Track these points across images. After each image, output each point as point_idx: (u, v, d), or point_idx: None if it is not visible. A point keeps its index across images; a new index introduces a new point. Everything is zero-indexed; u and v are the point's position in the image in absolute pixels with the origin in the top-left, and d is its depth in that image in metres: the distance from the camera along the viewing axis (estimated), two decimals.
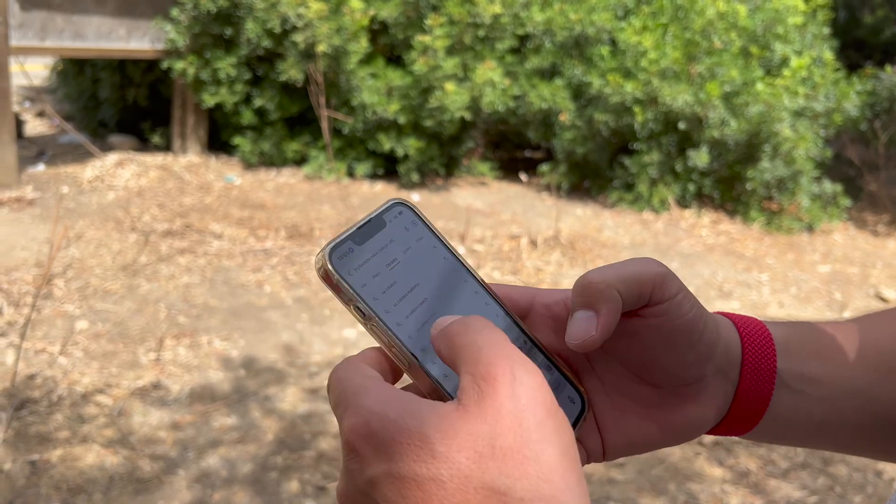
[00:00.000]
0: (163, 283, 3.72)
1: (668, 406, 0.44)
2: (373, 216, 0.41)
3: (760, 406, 0.46)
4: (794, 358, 0.47)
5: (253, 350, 3.18)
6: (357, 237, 0.40)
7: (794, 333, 0.48)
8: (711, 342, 0.44)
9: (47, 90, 7.71)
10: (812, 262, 4.88)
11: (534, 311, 0.45)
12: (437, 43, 5.31)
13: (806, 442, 0.50)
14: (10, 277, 3.61)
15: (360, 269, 0.39)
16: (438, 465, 0.31)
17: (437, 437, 0.32)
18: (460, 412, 0.32)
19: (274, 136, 5.78)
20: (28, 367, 2.88)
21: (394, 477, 0.32)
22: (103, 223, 4.47)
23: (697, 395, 0.44)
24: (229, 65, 5.51)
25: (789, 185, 5.42)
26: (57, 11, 5.23)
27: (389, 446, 0.32)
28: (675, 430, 0.45)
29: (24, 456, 2.39)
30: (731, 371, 0.46)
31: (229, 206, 4.93)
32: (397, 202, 0.43)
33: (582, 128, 5.61)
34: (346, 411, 0.35)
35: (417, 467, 0.31)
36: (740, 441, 2.79)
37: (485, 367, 0.33)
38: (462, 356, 0.34)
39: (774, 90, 5.15)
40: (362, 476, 0.33)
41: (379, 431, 0.33)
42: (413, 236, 0.42)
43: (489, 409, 0.32)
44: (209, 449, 2.51)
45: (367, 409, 0.34)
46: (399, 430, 0.32)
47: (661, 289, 0.42)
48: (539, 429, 0.32)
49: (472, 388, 0.33)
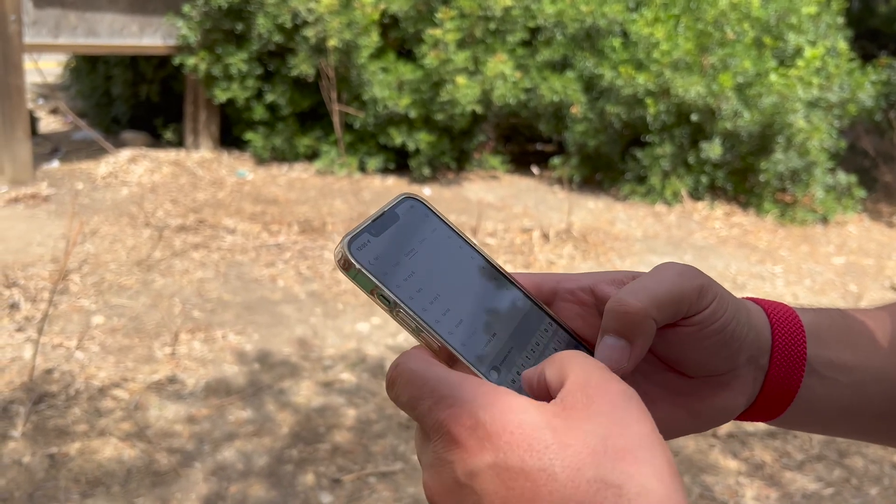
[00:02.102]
0: (177, 278, 3.75)
1: (698, 395, 0.44)
2: (386, 210, 0.42)
3: (790, 392, 0.46)
4: (823, 344, 0.47)
5: (267, 344, 3.20)
6: (373, 229, 0.40)
7: (824, 319, 0.48)
8: (742, 336, 0.44)
9: (61, 87, 7.76)
10: (826, 253, 4.85)
11: (559, 296, 0.45)
12: (448, 36, 5.30)
13: (833, 429, 0.50)
14: (27, 273, 3.65)
15: (380, 259, 0.39)
16: (551, 455, 0.31)
17: (550, 430, 0.32)
18: (569, 411, 0.33)
19: (286, 131, 5.79)
20: (46, 362, 2.91)
21: (500, 468, 0.32)
22: (117, 219, 4.50)
23: (728, 384, 0.44)
24: (241, 60, 5.52)
25: (803, 177, 5.38)
26: (70, 9, 5.26)
27: (499, 437, 0.32)
28: (705, 417, 0.45)
29: (42, 449, 2.42)
30: (762, 357, 0.45)
31: (242, 202, 4.95)
32: (408, 196, 0.43)
33: (594, 120, 5.59)
34: (441, 402, 0.34)
35: (528, 457, 0.31)
36: (755, 433, 2.78)
37: (597, 382, 0.34)
38: (572, 372, 0.35)
39: (788, 81, 5.11)
40: (463, 467, 0.33)
41: (487, 423, 0.33)
42: (427, 228, 0.43)
43: (600, 412, 0.32)
44: (225, 442, 2.53)
45: (472, 401, 0.33)
46: (509, 422, 0.32)
47: (698, 303, 0.41)
48: (648, 437, 0.32)
49: (580, 393, 0.33)
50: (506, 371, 0.39)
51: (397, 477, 2.39)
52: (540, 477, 0.31)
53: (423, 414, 0.35)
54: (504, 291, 0.43)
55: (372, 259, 0.39)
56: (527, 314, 0.43)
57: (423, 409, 0.35)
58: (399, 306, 0.38)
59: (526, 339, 0.42)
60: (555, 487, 0.31)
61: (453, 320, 0.39)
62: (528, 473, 0.31)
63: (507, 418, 0.33)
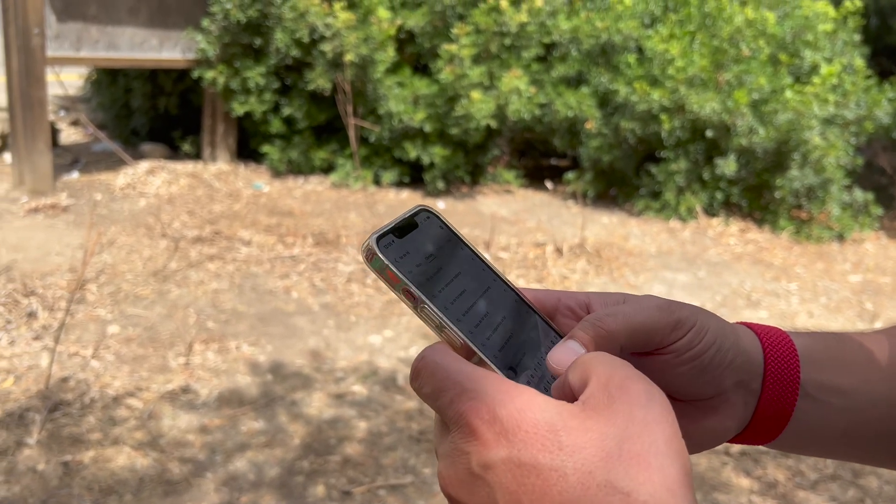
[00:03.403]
0: (192, 289, 3.78)
1: (687, 417, 0.45)
2: (405, 217, 0.44)
3: (783, 416, 0.46)
4: (818, 368, 0.47)
5: (280, 355, 3.22)
6: (396, 232, 0.42)
7: (818, 343, 0.48)
8: (724, 362, 0.44)
9: (81, 99, 7.88)
10: (842, 271, 4.81)
11: (559, 312, 0.46)
12: (464, 52, 5.34)
13: (831, 452, 0.50)
14: (45, 282, 3.70)
15: (404, 259, 0.41)
16: (564, 456, 0.32)
17: (565, 431, 0.32)
18: (588, 413, 0.33)
19: (302, 145, 5.84)
20: (62, 370, 2.94)
21: (514, 463, 0.32)
22: (135, 229, 4.55)
23: (717, 407, 0.45)
24: (258, 74, 5.59)
25: (819, 194, 5.35)
26: (92, 23, 5.35)
27: (515, 433, 0.33)
28: (695, 440, 0.45)
29: (57, 457, 2.45)
30: (753, 382, 0.46)
31: (258, 214, 4.99)
32: (423, 208, 0.45)
33: (608, 136, 5.60)
34: (463, 395, 0.35)
35: (541, 456, 0.32)
36: (768, 451, 2.76)
37: (619, 380, 0.34)
38: (595, 370, 0.35)
39: (804, 98, 5.09)
40: (479, 458, 0.34)
41: (505, 418, 0.33)
42: (443, 237, 0.45)
43: (620, 414, 0.33)
44: (237, 452, 2.55)
45: (492, 396, 0.34)
46: (526, 419, 0.33)
47: (671, 335, 0.42)
48: (667, 444, 0.32)
49: (601, 394, 0.34)
50: (521, 372, 0.41)
51: (407, 490, 2.39)
52: (551, 476, 0.32)
53: (445, 405, 0.36)
54: (513, 302, 0.45)
55: (398, 257, 0.41)
56: (533, 323, 0.45)
57: (444, 401, 0.36)
58: (423, 303, 0.40)
59: (535, 345, 0.43)
60: (564, 487, 0.31)
61: (472, 321, 0.41)
62: (540, 471, 0.32)
63: (524, 416, 0.33)
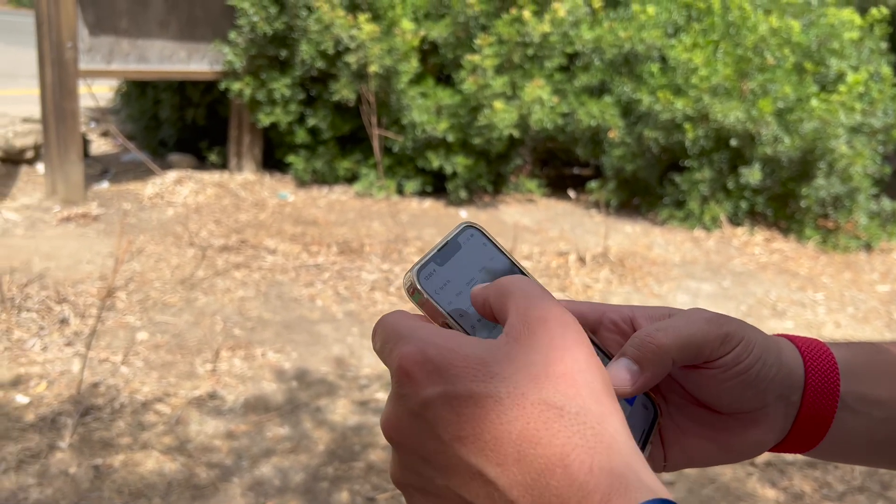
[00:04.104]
0: (219, 297, 3.84)
1: (728, 430, 0.46)
2: (449, 239, 0.45)
3: (822, 428, 0.47)
4: (857, 379, 0.48)
5: (305, 362, 3.26)
6: (438, 259, 0.44)
7: (857, 355, 0.49)
8: (769, 376, 0.45)
9: (112, 111, 8.03)
10: (870, 281, 4.76)
11: (603, 326, 0.47)
12: (487, 62, 5.38)
13: (865, 460, 0.51)
14: (77, 290, 3.78)
15: (445, 288, 0.42)
16: (496, 383, 0.34)
17: (493, 362, 0.34)
18: (512, 344, 0.35)
19: (326, 155, 5.91)
20: (92, 376, 3.01)
21: (449, 396, 0.34)
22: (163, 238, 4.63)
23: (757, 420, 0.45)
24: (284, 85, 5.66)
25: (846, 203, 5.30)
26: (123, 36, 5.47)
27: (446, 370, 0.35)
28: (735, 451, 0.46)
29: (88, 460, 2.50)
30: (794, 395, 0.46)
31: (283, 223, 5.05)
32: (468, 225, 0.46)
33: (631, 145, 5.59)
34: (398, 343, 0.37)
35: (474, 386, 0.34)
36: (794, 462, 2.73)
37: (537, 311, 0.36)
38: (513, 302, 0.37)
39: (830, 106, 5.05)
40: (415, 398, 0.35)
41: (435, 357, 0.35)
42: (486, 256, 0.45)
43: (542, 341, 0.35)
44: (262, 458, 2.58)
45: (423, 340, 0.36)
46: (455, 355, 0.35)
47: (720, 349, 0.43)
48: (587, 361, 0.35)
49: (521, 325, 0.36)
50: None
51: None
52: (487, 402, 0.33)
53: (387, 355, 0.38)
54: None
55: (438, 288, 0.42)
56: None
57: (386, 352, 0.38)
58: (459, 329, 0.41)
59: None
60: (501, 410, 0.33)
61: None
62: (476, 399, 0.33)
63: (454, 353, 0.35)
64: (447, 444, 0.34)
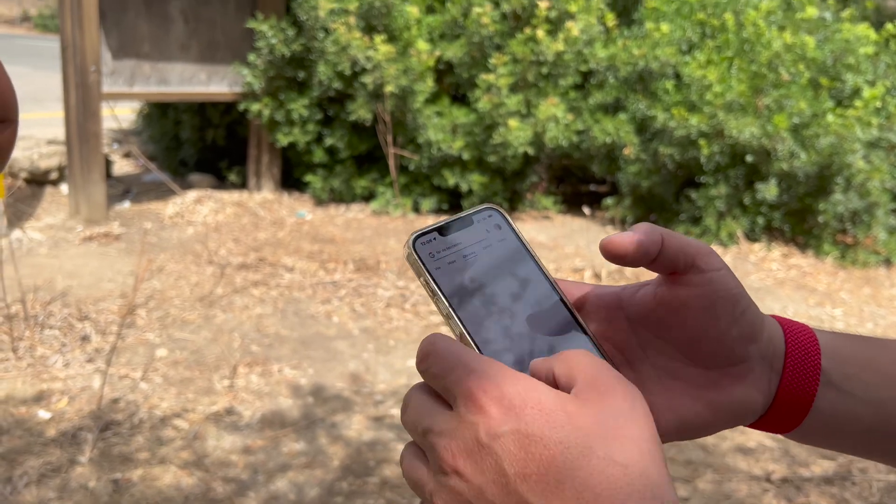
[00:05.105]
0: (237, 314, 3.89)
1: (715, 387, 0.47)
2: (463, 215, 0.46)
3: (805, 400, 0.48)
4: (841, 359, 0.49)
5: (321, 378, 3.29)
6: (443, 230, 0.46)
7: (842, 339, 0.50)
8: (755, 324, 0.46)
9: (133, 132, 8.19)
10: (890, 296, 4.71)
11: (588, 302, 0.50)
12: (501, 81, 5.43)
13: (855, 448, 0.51)
14: (98, 307, 3.84)
15: (439, 255, 0.44)
16: (567, 432, 0.36)
17: (566, 412, 0.36)
18: (583, 402, 0.37)
19: (343, 174, 5.98)
20: (112, 392, 3.06)
21: (521, 434, 0.36)
22: (182, 257, 4.70)
23: (743, 377, 0.47)
24: (302, 106, 5.75)
25: (864, 218, 5.26)
26: (145, 59, 5.59)
27: (522, 409, 0.36)
28: (723, 410, 0.47)
29: (107, 475, 2.54)
30: (776, 361, 0.48)
31: (300, 241, 5.11)
32: (489, 207, 0.47)
33: (647, 161, 5.60)
34: (472, 374, 0.38)
35: (546, 430, 0.36)
36: (811, 478, 2.71)
37: (606, 381, 0.38)
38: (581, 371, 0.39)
39: (846, 121, 5.04)
40: (486, 429, 0.36)
41: (513, 396, 0.37)
42: (496, 237, 0.46)
43: (612, 406, 0.37)
44: (278, 473, 2.61)
45: (499, 376, 0.38)
46: (532, 398, 0.37)
47: (705, 259, 0.46)
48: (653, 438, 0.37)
49: (591, 391, 0.37)
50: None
51: None
52: (557, 448, 0.35)
53: (453, 383, 0.39)
54: (547, 304, 0.46)
55: (429, 252, 0.44)
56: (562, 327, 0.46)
57: (452, 379, 0.39)
58: (438, 296, 0.44)
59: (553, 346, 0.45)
60: (568, 458, 0.35)
61: (486, 320, 0.44)
62: (547, 443, 0.35)
63: (530, 395, 0.37)
64: (510, 479, 0.35)
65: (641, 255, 0.45)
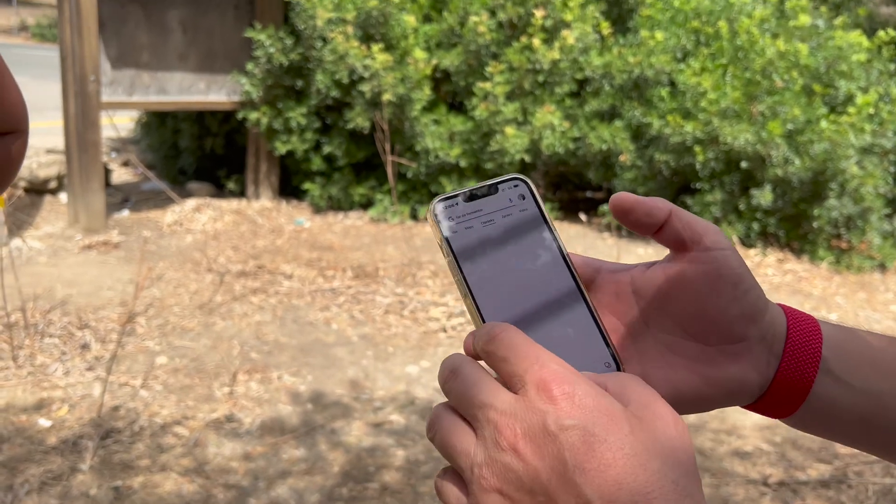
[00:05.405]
0: (236, 321, 3.91)
1: (713, 363, 0.48)
2: (489, 183, 0.48)
3: (803, 386, 0.48)
4: (841, 350, 0.49)
5: (320, 385, 3.31)
6: (467, 195, 0.47)
7: (844, 331, 0.51)
8: (757, 305, 0.48)
9: (132, 141, 8.22)
10: (885, 301, 4.75)
11: (600, 276, 0.51)
12: (498, 89, 5.47)
13: (851, 438, 0.52)
14: (98, 316, 3.86)
15: (458, 219, 0.46)
16: (630, 441, 0.38)
17: (628, 423, 0.39)
18: (639, 418, 0.40)
19: (342, 181, 6.01)
20: (113, 399, 3.07)
21: (587, 431, 0.38)
22: (182, 265, 4.72)
23: (741, 355, 0.48)
24: (300, 114, 5.79)
25: (858, 223, 5.30)
26: (144, 69, 5.63)
27: (591, 409, 0.38)
28: (719, 387, 0.48)
29: (108, 482, 2.56)
30: (776, 344, 0.49)
31: (299, 248, 5.14)
32: (516, 177, 0.49)
33: (643, 168, 5.64)
34: (545, 366, 0.40)
35: (611, 435, 0.38)
36: (808, 481, 2.73)
37: (658, 407, 0.41)
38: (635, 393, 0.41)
39: (839, 127, 5.08)
40: (555, 418, 0.38)
41: (582, 394, 0.39)
42: (518, 207, 0.48)
43: (665, 431, 0.39)
44: (279, 479, 2.63)
45: (571, 373, 0.40)
46: (600, 402, 0.39)
47: (711, 237, 0.48)
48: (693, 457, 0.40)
49: (646, 410, 0.40)
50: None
51: None
52: (618, 452, 0.37)
53: (525, 370, 0.40)
54: (557, 278, 0.47)
55: (448, 215, 0.46)
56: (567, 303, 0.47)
57: (523, 366, 0.40)
58: (450, 258, 0.46)
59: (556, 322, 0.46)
60: (627, 463, 0.37)
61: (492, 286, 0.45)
62: (610, 445, 0.37)
63: (600, 400, 0.39)
64: (569, 468, 0.37)
65: (645, 215, 0.48)
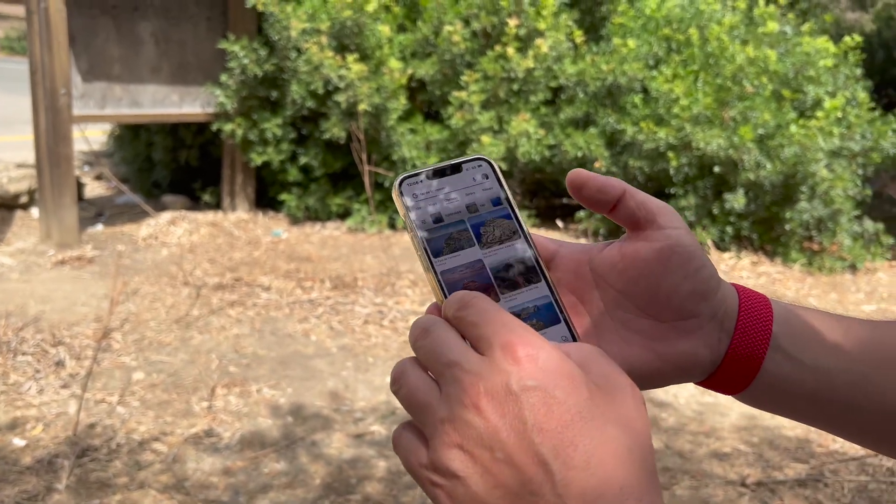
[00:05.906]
0: (214, 335, 3.88)
1: (665, 339, 0.50)
2: (453, 162, 0.49)
3: (754, 362, 0.50)
4: (792, 327, 0.51)
5: (300, 397, 3.29)
6: (430, 173, 0.49)
7: (799, 310, 0.53)
8: (709, 283, 0.50)
9: (105, 154, 8.12)
10: (857, 300, 4.83)
11: (559, 254, 0.53)
12: (473, 98, 5.50)
13: (801, 414, 0.54)
14: (72, 332, 3.81)
15: (421, 195, 0.48)
16: (588, 406, 0.39)
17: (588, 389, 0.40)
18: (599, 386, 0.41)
19: (318, 192, 5.99)
20: (89, 417, 3.03)
21: (548, 393, 0.39)
22: (157, 279, 4.67)
23: (692, 332, 0.50)
24: (275, 125, 5.77)
25: (829, 225, 5.40)
26: (116, 82, 5.58)
27: (552, 372, 0.39)
28: (671, 362, 0.50)
29: (85, 501, 2.52)
30: (727, 321, 0.50)
31: (277, 260, 5.11)
32: (481, 157, 0.50)
33: (618, 174, 5.70)
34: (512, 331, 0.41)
35: (570, 398, 0.39)
36: (785, 481, 2.77)
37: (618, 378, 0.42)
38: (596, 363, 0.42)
39: (809, 132, 5.18)
40: (518, 378, 0.39)
41: (545, 358, 0.40)
42: (481, 186, 0.49)
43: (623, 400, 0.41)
44: (259, 493, 2.61)
45: (536, 338, 0.41)
46: (563, 367, 0.40)
47: (665, 216, 0.50)
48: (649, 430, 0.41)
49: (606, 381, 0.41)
50: None
51: None
52: (577, 415, 0.39)
53: (492, 333, 0.41)
54: (517, 255, 0.48)
55: (413, 192, 0.48)
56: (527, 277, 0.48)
57: (491, 329, 0.41)
58: (413, 231, 0.47)
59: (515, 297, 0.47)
60: (584, 426, 0.38)
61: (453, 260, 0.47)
62: (569, 408, 0.39)
63: (563, 364, 0.40)
64: (527, 428, 0.38)
65: (597, 191, 0.50)
